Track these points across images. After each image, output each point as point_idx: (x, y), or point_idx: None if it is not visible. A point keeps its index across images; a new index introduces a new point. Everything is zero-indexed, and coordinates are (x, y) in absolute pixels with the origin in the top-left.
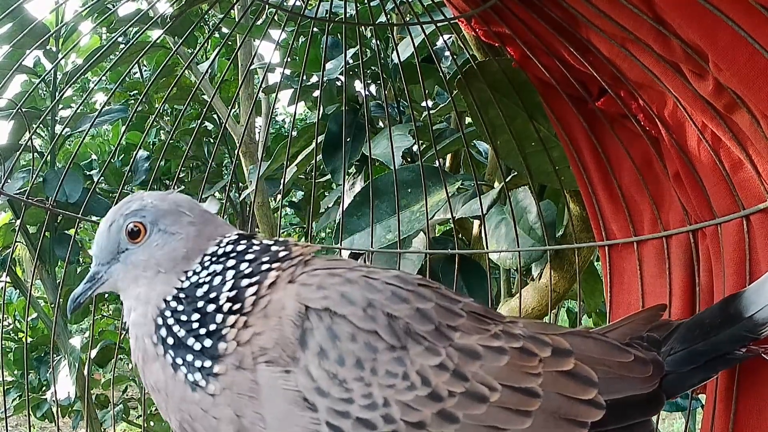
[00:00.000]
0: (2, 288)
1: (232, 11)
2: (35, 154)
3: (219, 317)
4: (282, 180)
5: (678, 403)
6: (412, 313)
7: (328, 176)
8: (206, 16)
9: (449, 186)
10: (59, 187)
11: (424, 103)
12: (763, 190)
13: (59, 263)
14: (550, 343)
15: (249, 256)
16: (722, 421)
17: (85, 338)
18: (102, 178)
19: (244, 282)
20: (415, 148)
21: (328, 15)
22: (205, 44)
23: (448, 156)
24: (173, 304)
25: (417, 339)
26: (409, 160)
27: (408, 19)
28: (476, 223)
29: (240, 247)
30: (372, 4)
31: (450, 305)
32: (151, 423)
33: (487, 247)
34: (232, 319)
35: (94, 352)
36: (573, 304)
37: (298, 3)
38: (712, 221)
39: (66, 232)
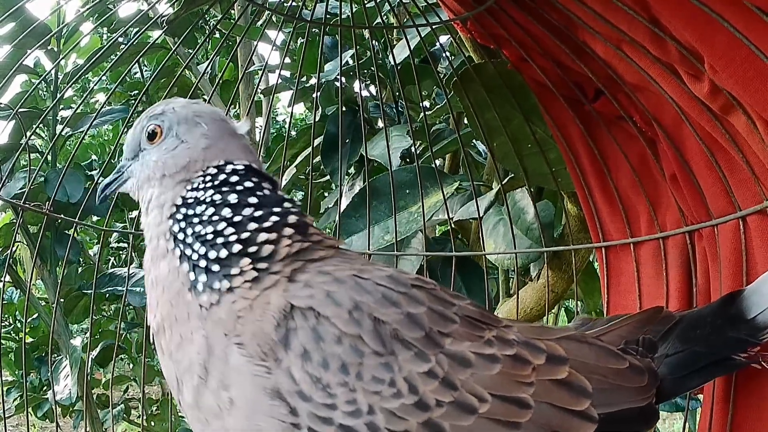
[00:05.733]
0: (2, 288)
1: (232, 12)
2: (36, 154)
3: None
4: (280, 180)
5: (678, 404)
6: (401, 318)
7: (328, 177)
8: (206, 16)
9: (447, 187)
10: (60, 188)
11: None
12: (759, 191)
13: (60, 263)
14: (545, 350)
15: (253, 200)
16: (720, 421)
17: (86, 338)
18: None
19: (252, 225)
20: (413, 149)
21: (324, 17)
22: (205, 44)
23: (448, 156)
24: (183, 210)
25: (406, 345)
26: (407, 161)
27: (404, 21)
28: (475, 222)
29: (248, 183)
30: (368, 5)
31: (443, 309)
32: (152, 423)
33: (484, 248)
34: (245, 261)
35: (95, 352)
36: (573, 304)
37: (294, 4)
38: (709, 222)
39: (66, 232)
